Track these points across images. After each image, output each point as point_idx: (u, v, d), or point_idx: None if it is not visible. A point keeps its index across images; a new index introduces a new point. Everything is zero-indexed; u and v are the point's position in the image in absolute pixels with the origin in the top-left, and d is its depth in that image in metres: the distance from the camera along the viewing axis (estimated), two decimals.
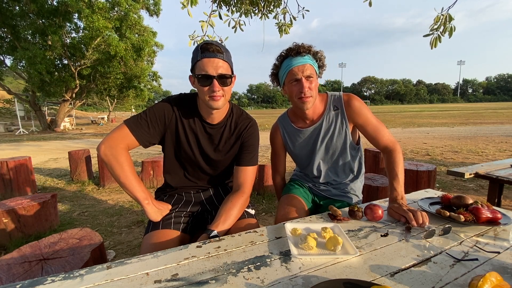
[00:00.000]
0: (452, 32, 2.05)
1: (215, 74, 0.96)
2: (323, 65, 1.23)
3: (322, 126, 1.27)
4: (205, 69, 0.96)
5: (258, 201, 3.15)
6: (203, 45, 0.97)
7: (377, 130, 1.22)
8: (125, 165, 0.97)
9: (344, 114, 1.24)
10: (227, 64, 1.00)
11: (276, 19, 3.11)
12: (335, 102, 1.26)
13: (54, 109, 22.54)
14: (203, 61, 0.96)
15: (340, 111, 1.25)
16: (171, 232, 1.03)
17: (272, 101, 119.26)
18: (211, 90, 0.97)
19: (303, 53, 1.14)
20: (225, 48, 1.01)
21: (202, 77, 0.97)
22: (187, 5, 2.28)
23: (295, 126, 1.33)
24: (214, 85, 0.96)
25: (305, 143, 1.33)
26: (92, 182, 3.96)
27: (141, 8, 15.12)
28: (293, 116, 1.36)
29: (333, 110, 1.26)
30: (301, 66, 1.13)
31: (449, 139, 8.24)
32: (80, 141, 10.41)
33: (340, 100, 1.25)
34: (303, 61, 1.13)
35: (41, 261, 1.13)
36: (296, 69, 1.14)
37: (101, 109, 51.54)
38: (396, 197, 1.06)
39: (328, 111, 1.26)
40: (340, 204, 1.31)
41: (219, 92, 0.98)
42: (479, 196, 3.19)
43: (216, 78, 0.97)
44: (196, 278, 0.64)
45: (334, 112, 1.26)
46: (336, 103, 1.26)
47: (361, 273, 0.66)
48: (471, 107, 43.22)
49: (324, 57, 1.22)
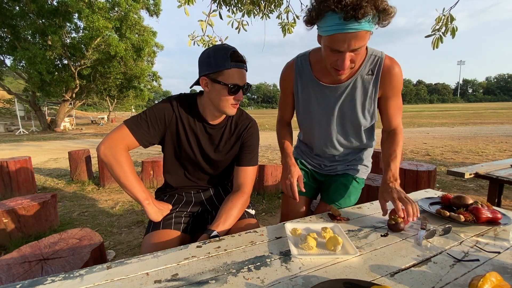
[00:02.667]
0: (454, 32, 2.05)
1: (242, 84, 1.00)
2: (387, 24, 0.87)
3: (347, 89, 1.06)
4: (237, 79, 0.98)
5: (258, 201, 3.15)
6: (233, 54, 0.96)
7: (399, 109, 1.10)
8: (125, 165, 0.97)
9: (378, 82, 1.04)
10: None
11: (280, 18, 3.11)
12: (373, 64, 1.03)
13: (54, 109, 22.52)
14: (233, 70, 0.97)
15: (375, 77, 1.04)
16: (171, 232, 1.03)
17: (272, 101, 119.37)
18: (237, 99, 1.01)
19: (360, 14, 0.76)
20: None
21: (234, 86, 0.98)
22: (184, 4, 2.28)
23: (315, 76, 1.09)
24: (240, 95, 1.01)
25: (320, 101, 1.11)
26: (92, 182, 3.96)
27: (141, 8, 15.13)
28: (316, 64, 1.10)
29: (366, 73, 1.04)
30: (351, 35, 0.81)
31: (449, 139, 8.24)
32: (80, 141, 10.41)
33: (380, 64, 1.03)
34: (357, 28, 0.80)
35: (41, 261, 1.13)
36: (342, 37, 0.83)
37: (101, 109, 51.51)
38: (390, 178, 0.97)
39: (362, 72, 1.04)
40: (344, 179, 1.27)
41: (239, 101, 1.04)
42: (479, 196, 3.19)
43: (243, 89, 1.01)
44: (196, 278, 0.64)
45: (367, 76, 1.04)
46: (373, 67, 1.04)
47: (361, 273, 0.66)
48: (471, 107, 43.22)
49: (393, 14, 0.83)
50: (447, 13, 2.05)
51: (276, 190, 3.37)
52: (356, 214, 1.05)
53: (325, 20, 0.83)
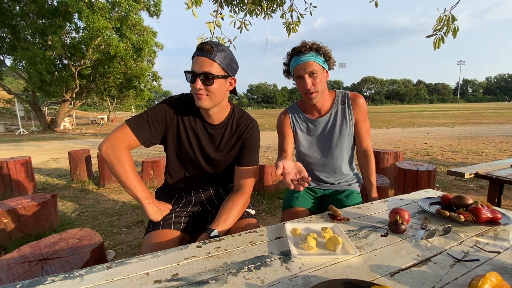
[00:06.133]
0: (456, 32, 2.04)
1: (199, 72, 0.96)
2: (329, 58, 1.26)
3: (330, 118, 1.37)
4: (192, 66, 0.98)
5: (258, 201, 3.16)
6: (198, 45, 0.98)
7: (367, 132, 1.40)
8: (126, 165, 0.97)
9: (350, 107, 1.35)
10: (216, 64, 0.96)
11: (284, 18, 3.09)
12: (342, 97, 1.38)
13: (54, 109, 22.53)
14: (193, 59, 0.98)
15: (347, 104, 1.36)
16: (171, 232, 1.03)
17: (272, 101, 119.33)
18: (194, 87, 0.98)
19: (304, 51, 1.19)
20: (220, 49, 0.98)
21: (188, 73, 0.99)
22: (191, 6, 2.27)
23: (305, 114, 1.40)
24: (196, 82, 0.96)
25: (313, 132, 1.40)
26: (92, 182, 3.96)
27: (142, 8, 15.13)
28: (302, 106, 1.43)
29: (340, 104, 1.36)
30: (303, 64, 1.20)
31: (449, 139, 8.24)
32: (80, 141, 10.41)
33: (348, 96, 1.37)
34: (305, 59, 1.20)
35: (41, 261, 1.13)
36: (299, 67, 1.22)
37: (101, 109, 51.52)
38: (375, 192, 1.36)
39: (336, 105, 1.36)
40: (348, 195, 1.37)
41: (201, 91, 0.97)
42: (479, 196, 3.19)
43: (199, 76, 0.96)
44: (196, 278, 0.64)
45: (341, 106, 1.36)
46: (343, 98, 1.37)
47: (361, 273, 0.66)
48: (471, 107, 43.21)
49: (328, 50, 1.25)
50: (448, 13, 2.05)
51: (276, 190, 3.37)
52: (356, 214, 1.04)
53: (290, 64, 1.27)
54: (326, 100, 1.34)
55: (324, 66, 1.24)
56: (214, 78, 0.96)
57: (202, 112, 1.10)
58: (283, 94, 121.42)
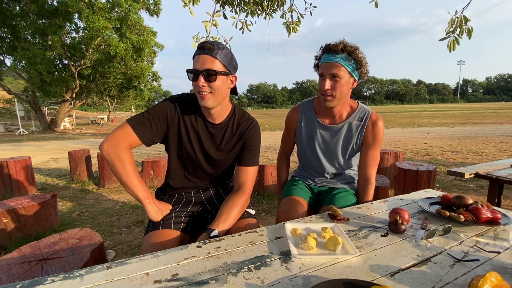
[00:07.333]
0: (470, 33, 1.97)
1: (201, 69, 0.97)
2: (361, 66, 1.17)
3: (341, 130, 1.29)
4: (194, 65, 0.98)
5: (258, 201, 3.16)
6: (199, 44, 0.99)
7: (374, 160, 1.29)
8: (127, 164, 0.98)
9: (364, 128, 1.27)
10: (218, 61, 0.98)
11: (284, 18, 3.09)
12: (362, 114, 1.29)
13: (54, 109, 22.50)
14: (195, 58, 0.99)
15: (362, 123, 1.28)
16: (171, 232, 1.03)
17: (272, 101, 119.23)
18: (197, 85, 0.98)
19: (335, 51, 1.13)
20: (221, 47, 0.99)
21: (191, 72, 0.99)
22: (188, 4, 2.26)
23: (316, 117, 1.33)
24: (199, 80, 0.97)
25: (318, 137, 1.34)
26: (92, 182, 3.96)
27: (141, 8, 15.11)
28: (317, 106, 1.35)
29: (356, 119, 1.28)
30: (329, 64, 1.14)
31: (449, 139, 8.24)
32: (80, 141, 10.40)
33: (368, 115, 1.28)
34: (332, 59, 1.14)
35: (41, 261, 1.13)
36: (324, 65, 1.16)
37: (101, 109, 51.50)
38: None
39: (352, 119, 1.29)
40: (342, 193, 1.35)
41: (204, 88, 0.98)
42: (479, 196, 3.19)
43: (202, 73, 0.97)
44: (196, 278, 0.64)
45: (356, 121, 1.28)
46: (362, 116, 1.28)
47: (361, 273, 0.66)
48: (471, 107, 43.21)
49: (361, 58, 1.16)
50: (459, 15, 2.00)
51: (276, 190, 3.37)
52: (356, 214, 1.05)
53: (321, 60, 1.21)
54: (344, 109, 1.28)
55: (353, 74, 1.16)
56: (217, 74, 0.98)
57: (204, 111, 1.10)
58: (283, 94, 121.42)
